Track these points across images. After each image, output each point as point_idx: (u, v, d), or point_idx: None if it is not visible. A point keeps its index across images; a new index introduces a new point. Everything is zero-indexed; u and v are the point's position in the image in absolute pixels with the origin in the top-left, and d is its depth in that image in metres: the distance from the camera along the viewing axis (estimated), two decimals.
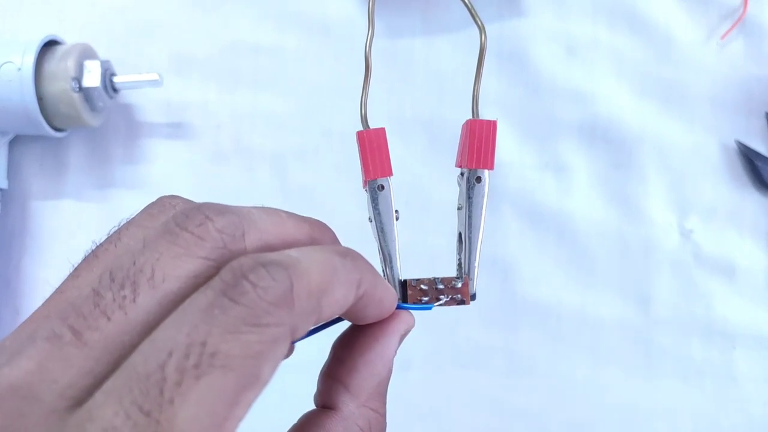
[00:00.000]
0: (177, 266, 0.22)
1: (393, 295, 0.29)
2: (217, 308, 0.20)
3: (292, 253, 0.23)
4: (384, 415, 0.29)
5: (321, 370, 0.29)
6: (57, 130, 0.58)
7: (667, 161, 0.62)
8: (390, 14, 0.63)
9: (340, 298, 0.24)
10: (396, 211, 0.31)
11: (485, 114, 0.32)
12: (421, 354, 0.59)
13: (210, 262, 0.23)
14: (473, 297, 0.31)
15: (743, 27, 0.63)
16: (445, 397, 0.59)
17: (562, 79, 0.62)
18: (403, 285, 0.31)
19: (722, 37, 0.63)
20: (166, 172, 0.61)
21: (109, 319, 0.21)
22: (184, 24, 0.63)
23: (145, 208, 0.26)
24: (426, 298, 0.31)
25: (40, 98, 0.55)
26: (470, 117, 0.32)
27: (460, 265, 0.32)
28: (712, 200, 0.61)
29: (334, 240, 0.29)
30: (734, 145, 0.62)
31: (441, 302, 0.31)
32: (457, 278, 0.31)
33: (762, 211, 0.61)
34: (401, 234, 0.32)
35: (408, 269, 0.32)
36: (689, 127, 0.62)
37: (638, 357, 0.60)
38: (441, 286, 0.31)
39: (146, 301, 0.22)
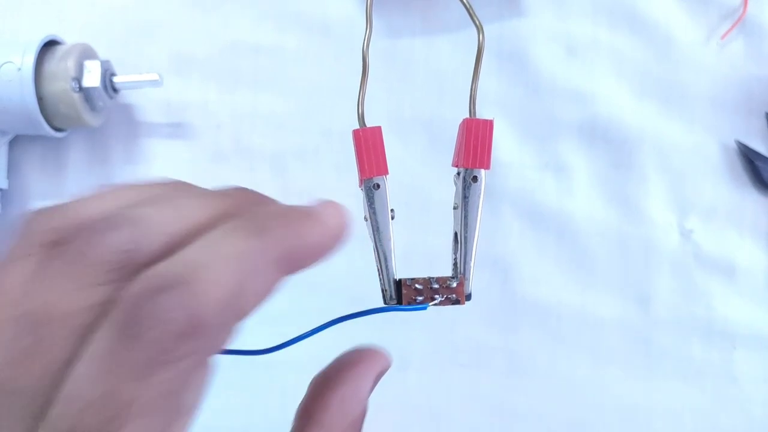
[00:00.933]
0: (73, 301, 0.20)
1: (330, 224, 0.25)
2: (120, 353, 0.19)
3: (195, 254, 0.21)
4: None
5: (298, 407, 0.29)
6: (57, 130, 0.58)
7: (667, 161, 0.62)
8: (390, 14, 0.63)
9: (261, 289, 0.22)
10: (392, 210, 0.31)
11: (484, 114, 0.32)
12: (421, 354, 0.59)
13: (108, 286, 0.20)
14: (468, 297, 0.31)
15: (743, 27, 0.63)
16: (445, 397, 0.59)
17: (562, 79, 0.62)
18: (398, 284, 0.31)
19: (722, 37, 0.63)
20: (166, 172, 0.61)
21: (25, 367, 0.19)
22: (184, 24, 0.63)
23: (16, 234, 0.22)
24: (421, 298, 0.31)
25: (40, 98, 0.55)
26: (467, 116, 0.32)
27: (455, 264, 0.32)
28: (712, 200, 0.61)
29: (256, 202, 0.25)
30: (734, 145, 0.62)
31: (436, 302, 0.31)
32: (453, 278, 0.31)
33: (762, 211, 0.61)
34: (401, 233, 0.32)
35: (408, 269, 0.32)
36: (689, 127, 0.62)
37: (638, 357, 0.60)
38: (436, 286, 0.31)
39: (55, 342, 0.20)
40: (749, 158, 0.60)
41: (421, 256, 0.45)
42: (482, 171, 0.31)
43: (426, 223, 0.59)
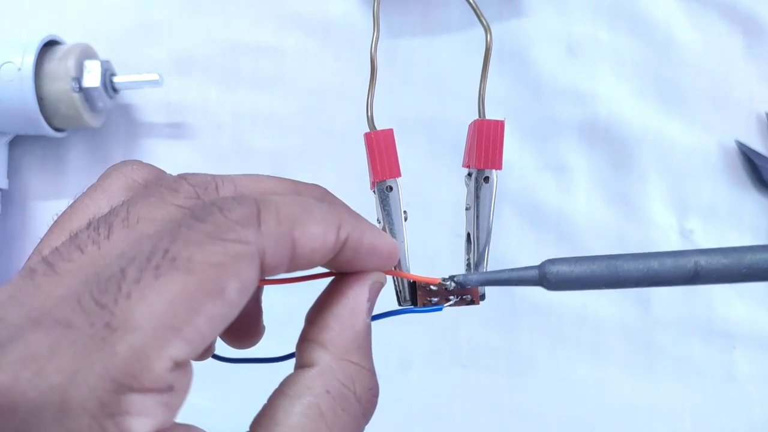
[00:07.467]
0: (150, 210, 0.24)
1: (389, 242, 0.28)
2: (184, 226, 0.22)
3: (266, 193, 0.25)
4: (370, 370, 0.27)
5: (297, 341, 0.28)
6: (57, 130, 0.57)
7: (667, 161, 0.62)
8: (391, 14, 0.63)
9: (317, 235, 0.24)
10: (404, 212, 0.31)
11: (485, 114, 0.32)
12: (421, 354, 0.59)
13: (184, 209, 0.24)
14: (483, 297, 0.31)
15: (743, 27, 0.63)
16: (445, 397, 0.59)
17: (562, 79, 0.62)
18: (412, 286, 0.31)
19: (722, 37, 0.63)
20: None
21: (82, 252, 0.22)
22: (184, 24, 0.62)
23: (104, 176, 0.28)
24: (435, 299, 0.31)
25: (40, 98, 0.54)
26: (475, 117, 0.32)
27: (468, 265, 0.32)
28: (712, 200, 0.61)
29: (324, 194, 0.30)
30: (734, 145, 0.62)
31: (451, 303, 0.31)
32: None
33: (762, 211, 0.61)
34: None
35: (411, 270, 0.32)
36: (689, 127, 0.62)
37: (638, 357, 0.60)
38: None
39: (120, 237, 0.23)
40: (749, 158, 0.61)
41: (423, 256, 0.45)
42: (494, 171, 0.31)
43: (428, 224, 0.59)
